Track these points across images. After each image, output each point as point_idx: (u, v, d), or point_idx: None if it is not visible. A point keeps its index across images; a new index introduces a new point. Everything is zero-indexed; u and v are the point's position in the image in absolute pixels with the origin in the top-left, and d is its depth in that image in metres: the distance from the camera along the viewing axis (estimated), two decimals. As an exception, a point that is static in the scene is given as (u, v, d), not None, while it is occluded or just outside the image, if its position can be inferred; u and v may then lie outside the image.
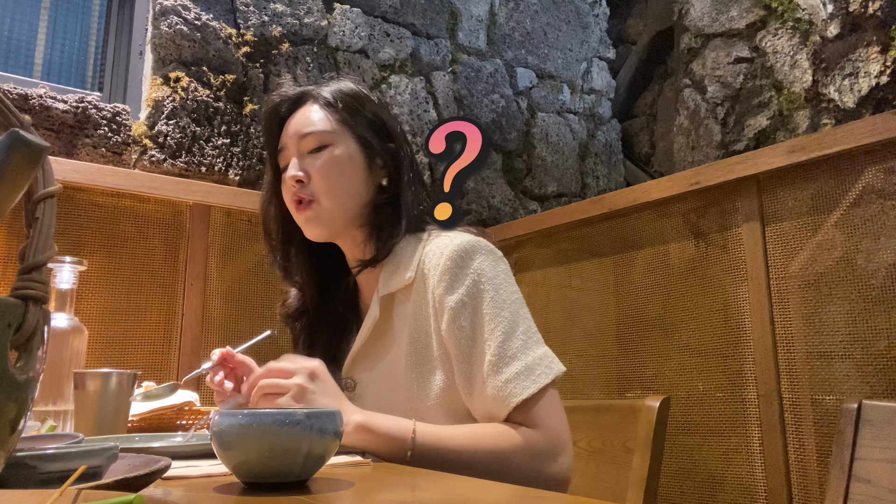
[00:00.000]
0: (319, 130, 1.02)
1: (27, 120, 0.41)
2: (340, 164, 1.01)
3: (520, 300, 0.95)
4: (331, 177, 1.00)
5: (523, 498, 0.59)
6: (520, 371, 0.87)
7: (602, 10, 3.01)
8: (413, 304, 0.97)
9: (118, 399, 1.00)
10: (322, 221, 1.01)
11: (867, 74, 2.05)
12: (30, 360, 0.39)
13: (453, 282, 0.92)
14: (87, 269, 1.13)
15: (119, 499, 0.39)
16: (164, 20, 1.90)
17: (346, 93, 1.05)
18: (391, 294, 1.00)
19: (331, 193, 1.00)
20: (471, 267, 0.93)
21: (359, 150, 1.03)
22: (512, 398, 0.86)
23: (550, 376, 0.88)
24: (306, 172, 1.01)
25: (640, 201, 1.85)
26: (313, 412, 0.61)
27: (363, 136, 1.03)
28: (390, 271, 1.00)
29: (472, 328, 0.90)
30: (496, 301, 0.91)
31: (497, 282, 0.93)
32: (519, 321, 0.91)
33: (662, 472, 1.02)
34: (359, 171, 1.03)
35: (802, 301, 1.52)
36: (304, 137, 1.02)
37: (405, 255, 1.00)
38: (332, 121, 1.02)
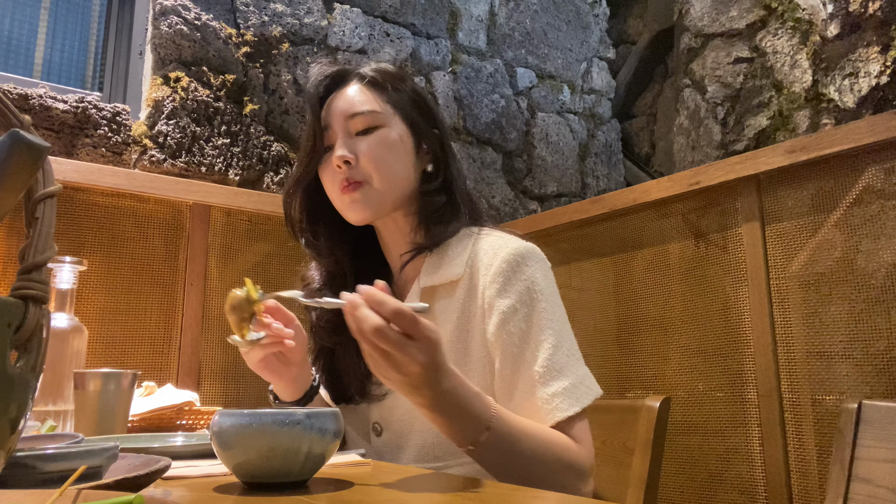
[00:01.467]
0: (369, 111, 0.98)
1: (27, 120, 0.41)
2: (392, 146, 0.98)
3: (566, 317, 0.94)
4: (383, 159, 0.96)
5: (524, 497, 0.59)
6: (567, 388, 0.86)
7: (602, 10, 3.01)
8: (459, 302, 0.94)
9: (118, 399, 1.00)
10: (371, 203, 0.97)
11: (867, 74, 2.05)
12: (30, 360, 0.39)
13: (506, 285, 0.90)
14: (87, 269, 1.13)
15: (119, 499, 0.39)
16: (164, 20, 1.90)
17: (392, 73, 1.03)
18: (433, 287, 0.97)
19: (382, 176, 0.96)
20: (525, 273, 0.91)
21: (408, 132, 1.00)
22: (557, 412, 0.84)
23: (591, 398, 0.87)
24: (355, 154, 0.96)
25: (640, 201, 1.85)
26: (313, 412, 0.61)
27: (412, 118, 1.00)
28: (435, 263, 0.97)
29: (521, 336, 0.88)
30: (548, 312, 0.90)
31: (549, 293, 0.92)
32: (566, 336, 0.91)
33: (662, 472, 1.02)
34: (409, 155, 1.00)
35: (802, 301, 1.52)
36: (352, 117, 0.98)
37: (454, 250, 0.97)
38: (381, 101, 0.99)
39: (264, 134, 2.03)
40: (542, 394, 0.85)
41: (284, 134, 2.07)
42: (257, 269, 1.92)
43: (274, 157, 2.03)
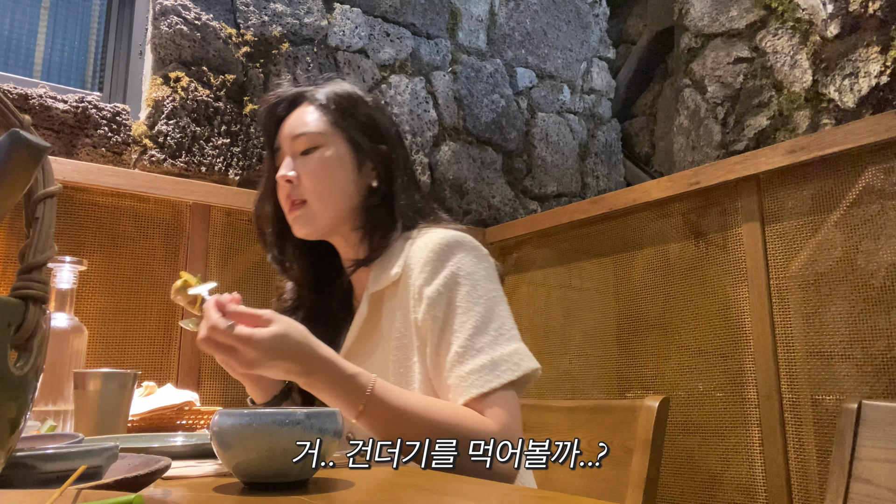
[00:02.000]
0: (311, 132, 1.03)
1: (27, 120, 0.41)
2: (329, 166, 1.02)
3: (498, 298, 0.95)
4: (320, 178, 1.02)
5: (524, 497, 0.59)
6: (484, 365, 0.87)
7: (602, 10, 3.01)
8: (399, 300, 0.98)
9: (118, 399, 1.00)
10: (309, 221, 1.03)
11: (867, 74, 2.05)
12: (30, 360, 0.39)
13: (433, 273, 0.94)
14: (87, 269, 1.13)
15: (119, 499, 0.39)
16: (164, 20, 1.90)
17: (340, 94, 1.07)
18: (380, 291, 1.01)
19: (319, 194, 1.02)
20: (451, 260, 0.94)
21: (349, 151, 1.04)
22: (472, 389, 0.86)
23: (515, 374, 0.88)
24: (297, 173, 1.02)
25: (640, 201, 1.85)
26: (313, 412, 0.61)
27: (354, 138, 1.04)
28: (379, 269, 1.02)
29: (443, 319, 0.91)
30: (472, 295, 0.92)
31: (476, 277, 0.94)
32: (493, 317, 0.92)
33: (662, 472, 1.02)
34: (348, 173, 1.04)
35: (802, 301, 1.52)
36: (296, 138, 1.04)
37: (395, 253, 1.02)
38: (324, 122, 1.04)
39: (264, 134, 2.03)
40: (458, 372, 0.88)
41: (284, 134, 2.07)
42: (257, 268, 1.91)
43: (274, 157, 2.03)
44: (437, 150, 2.39)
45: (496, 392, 0.87)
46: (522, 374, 0.88)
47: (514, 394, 0.89)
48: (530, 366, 0.90)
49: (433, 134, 2.39)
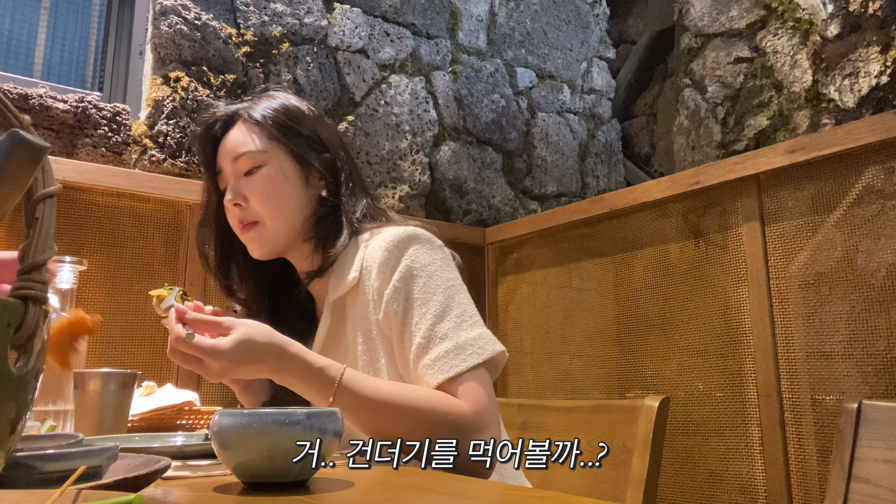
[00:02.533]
0: (251, 150, 1.02)
1: (27, 120, 0.41)
2: (276, 183, 1.02)
3: (456, 286, 0.95)
4: (268, 197, 1.01)
5: (524, 497, 0.59)
6: (449, 350, 0.88)
7: (602, 10, 3.01)
8: (361, 304, 0.98)
9: (118, 399, 1.00)
10: (266, 241, 1.02)
11: (867, 74, 2.05)
12: (30, 360, 0.39)
13: (389, 272, 0.94)
14: (87, 269, 1.13)
15: (119, 499, 0.39)
16: (164, 20, 1.90)
17: (276, 108, 1.05)
18: (341, 298, 1.01)
19: (270, 214, 1.01)
20: (405, 254, 0.94)
21: (293, 165, 1.03)
22: (439, 374, 0.87)
23: (482, 357, 0.88)
24: (243, 196, 1.01)
25: (640, 201, 1.85)
26: (313, 412, 0.61)
27: (296, 151, 1.03)
28: (337, 276, 1.01)
29: (403, 313, 0.92)
30: (428, 286, 0.92)
31: (431, 268, 0.94)
32: (453, 305, 0.92)
33: (662, 472, 1.02)
34: (296, 187, 1.03)
35: (802, 301, 1.52)
36: (237, 159, 1.02)
37: (349, 259, 1.01)
38: (263, 139, 1.02)
39: (264, 134, 2.03)
40: (424, 361, 0.88)
41: (284, 134, 2.07)
42: (257, 268, 1.92)
43: (274, 157, 2.03)
44: (437, 150, 2.39)
45: (465, 375, 0.87)
46: (489, 356, 0.89)
47: (485, 375, 0.89)
48: (495, 349, 0.90)
49: (433, 134, 2.39)
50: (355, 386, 0.85)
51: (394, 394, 0.86)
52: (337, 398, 0.84)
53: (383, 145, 2.26)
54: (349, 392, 0.84)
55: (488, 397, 0.87)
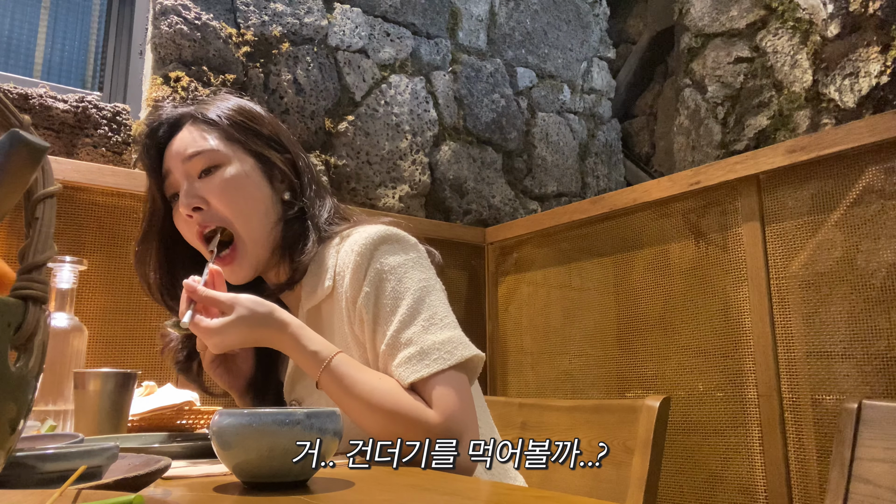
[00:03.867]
0: (206, 149, 0.94)
1: (27, 120, 0.41)
2: (239, 183, 0.94)
3: (427, 287, 0.90)
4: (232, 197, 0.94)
5: (524, 497, 0.59)
6: (412, 355, 0.84)
7: (602, 10, 3.01)
8: (335, 312, 0.94)
9: (118, 399, 1.00)
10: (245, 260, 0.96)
11: (867, 74, 2.05)
12: (30, 360, 0.39)
13: (361, 277, 0.90)
14: (87, 269, 1.13)
15: (119, 499, 0.39)
16: (164, 20, 1.90)
17: (231, 108, 0.99)
18: (316, 307, 0.97)
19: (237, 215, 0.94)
20: (375, 258, 0.90)
21: (254, 165, 0.97)
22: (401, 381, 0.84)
23: (448, 362, 0.84)
24: (201, 198, 0.93)
25: (640, 201, 1.85)
26: (313, 412, 0.61)
27: (256, 151, 0.97)
28: (311, 284, 0.96)
29: (373, 319, 0.89)
30: (397, 290, 0.89)
31: (400, 270, 0.90)
32: (422, 308, 0.88)
33: (662, 472, 1.02)
34: (261, 188, 0.97)
35: (802, 301, 1.52)
36: (189, 159, 0.94)
37: (321, 266, 0.96)
38: (219, 139, 0.96)
39: (264, 134, 2.03)
40: (390, 368, 0.87)
41: (284, 134, 2.07)
42: (257, 268, 1.91)
43: (274, 157, 2.03)
44: (437, 150, 2.39)
45: (431, 380, 0.83)
46: (456, 361, 0.84)
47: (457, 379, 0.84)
48: (464, 353, 0.85)
49: (433, 134, 2.39)
50: (339, 374, 0.85)
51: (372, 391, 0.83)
52: (321, 382, 0.86)
53: (383, 145, 2.26)
54: (333, 379, 0.85)
55: (459, 402, 0.83)
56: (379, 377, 0.87)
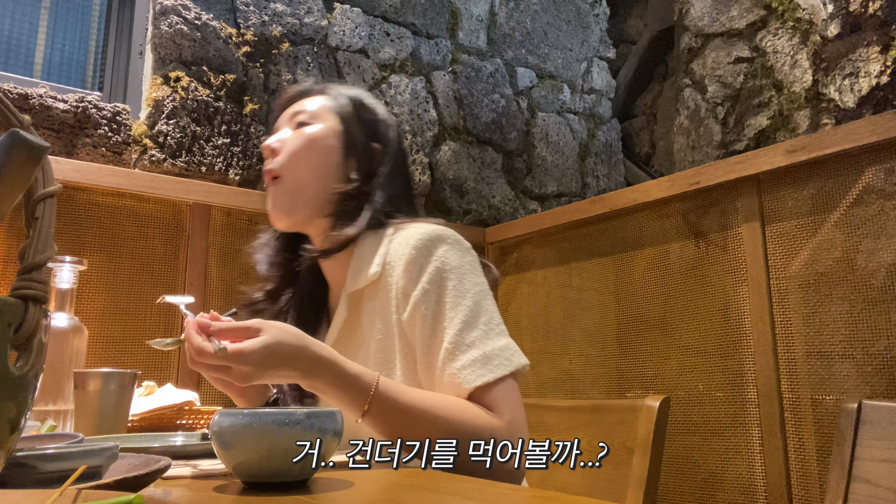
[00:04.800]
0: (308, 111, 1.04)
1: (27, 120, 0.41)
2: (312, 143, 1.01)
3: (484, 291, 0.93)
4: (297, 152, 1.01)
5: (524, 497, 0.59)
6: (476, 359, 0.85)
7: (602, 10, 3.01)
8: (380, 300, 0.95)
9: (118, 399, 1.00)
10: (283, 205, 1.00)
11: (867, 74, 2.05)
12: (30, 360, 0.39)
13: (418, 271, 0.91)
14: (87, 269, 1.13)
15: (119, 499, 0.39)
16: (164, 20, 1.90)
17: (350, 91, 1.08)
18: (359, 291, 0.98)
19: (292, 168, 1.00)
20: (434, 255, 0.92)
21: (339, 134, 1.03)
22: (465, 384, 0.84)
23: (509, 368, 0.86)
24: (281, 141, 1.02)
25: (640, 201, 1.85)
26: (313, 412, 0.61)
27: (349, 126, 1.04)
28: (357, 268, 0.98)
29: (433, 317, 0.89)
30: (458, 290, 0.90)
31: (461, 271, 0.92)
32: (481, 312, 0.90)
33: (662, 472, 1.02)
34: (330, 155, 1.02)
35: (802, 301, 1.52)
36: (294, 115, 1.04)
37: (370, 251, 0.98)
38: (325, 106, 1.05)
39: (264, 133, 2.03)
40: (450, 369, 0.86)
41: (284, 134, 2.07)
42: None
43: (274, 157, 2.03)
44: (437, 150, 2.39)
45: (493, 385, 0.85)
46: (515, 368, 0.87)
47: (513, 386, 0.87)
48: (521, 361, 0.88)
49: (433, 134, 2.39)
50: (392, 394, 0.82)
51: (429, 404, 0.83)
52: (372, 406, 0.80)
53: (383, 145, 2.26)
54: (385, 401, 0.81)
55: (518, 408, 0.86)
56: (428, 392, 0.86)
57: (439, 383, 0.88)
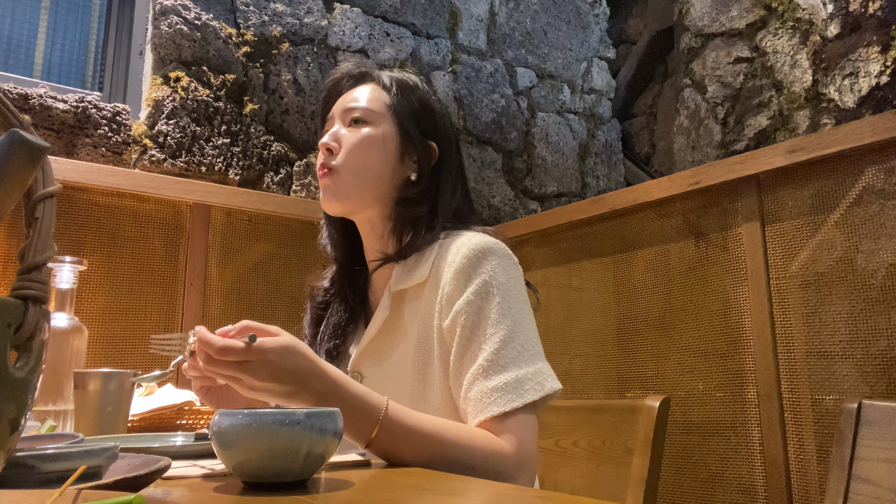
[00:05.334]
0: (363, 107, 1.02)
1: (27, 120, 0.41)
2: (371, 143, 1.01)
3: (526, 310, 0.92)
4: (357, 150, 1.00)
5: (524, 497, 0.59)
6: (509, 382, 0.84)
7: (602, 10, 3.01)
8: (424, 303, 0.95)
9: (118, 399, 1.00)
10: (336, 193, 1.00)
11: (867, 74, 2.05)
12: (30, 360, 0.39)
13: (466, 281, 0.91)
14: (87, 269, 1.13)
15: (119, 499, 0.39)
16: (164, 20, 1.90)
17: (405, 80, 1.06)
18: (402, 290, 0.98)
19: (351, 168, 1.00)
20: (484, 268, 0.91)
21: (396, 136, 1.02)
22: (494, 407, 0.83)
23: (540, 394, 0.85)
24: (338, 141, 1.02)
25: (640, 201, 1.85)
26: (313, 412, 0.61)
27: (404, 125, 1.03)
28: (404, 268, 0.99)
29: (471, 328, 0.88)
30: (502, 306, 0.89)
31: (507, 287, 0.91)
32: (520, 331, 0.89)
33: (662, 472, 1.02)
34: (388, 157, 1.01)
35: (802, 301, 1.52)
36: (348, 111, 1.03)
37: (422, 254, 0.99)
38: (380, 102, 1.03)
39: (264, 134, 2.03)
40: (481, 387, 0.85)
41: (284, 134, 2.07)
42: (257, 269, 1.92)
43: (274, 157, 2.03)
44: (437, 150, 2.39)
45: (518, 412, 0.84)
46: (546, 394, 0.86)
47: (533, 416, 0.87)
48: (553, 387, 0.87)
49: (433, 134, 2.39)
50: (400, 417, 0.80)
51: (438, 428, 0.82)
52: (383, 427, 0.78)
53: (383, 145, 2.26)
54: (396, 423, 0.80)
55: (532, 438, 0.85)
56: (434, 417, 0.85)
57: (465, 398, 0.87)
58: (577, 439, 1.10)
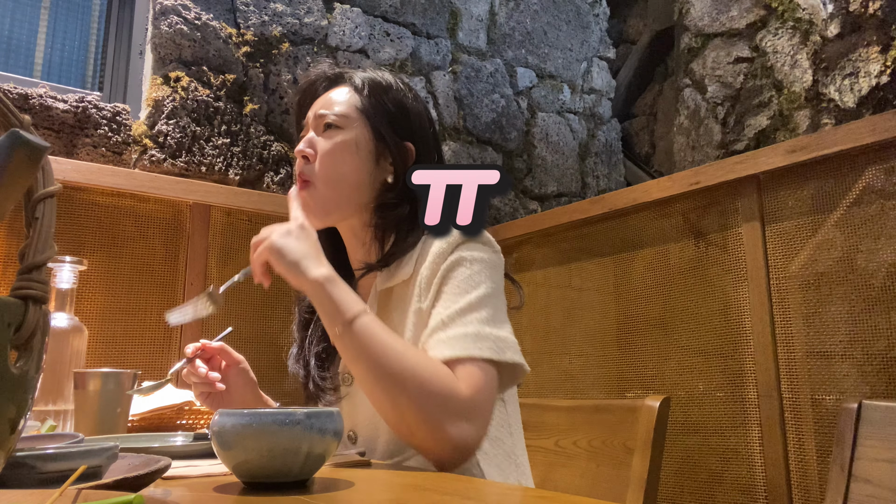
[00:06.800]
0: (335, 112, 1.00)
1: (27, 120, 0.41)
2: (343, 149, 0.99)
3: (498, 290, 0.91)
4: (330, 160, 0.99)
5: (524, 497, 0.59)
6: (467, 333, 0.83)
7: (602, 10, 3.01)
8: (409, 296, 0.95)
9: (118, 399, 1.00)
10: (315, 210, 0.99)
11: (867, 74, 2.05)
12: (30, 360, 0.39)
13: (441, 260, 0.91)
14: (87, 269, 1.13)
15: (119, 499, 0.39)
16: (164, 20, 1.90)
17: (377, 80, 1.04)
18: (389, 288, 0.98)
19: (326, 178, 0.99)
20: (461, 247, 0.92)
21: (370, 139, 1.00)
22: (446, 350, 0.82)
23: (498, 356, 0.83)
24: (313, 149, 1.00)
25: (640, 201, 1.85)
26: (313, 412, 0.61)
27: (377, 127, 1.01)
28: (390, 268, 0.98)
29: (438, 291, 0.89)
30: (472, 278, 0.89)
31: (479, 265, 0.91)
32: (487, 304, 0.88)
33: (662, 472, 1.02)
34: (363, 162, 1.00)
35: (802, 301, 1.52)
36: (320, 118, 1.01)
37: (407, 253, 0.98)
38: (352, 106, 1.01)
39: (264, 134, 2.03)
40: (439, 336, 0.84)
41: (284, 134, 2.07)
42: (257, 268, 1.91)
43: (274, 157, 2.03)
44: (437, 149, 2.39)
45: (473, 362, 0.82)
46: (503, 360, 0.83)
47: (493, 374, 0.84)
48: (513, 358, 0.85)
49: (433, 134, 2.39)
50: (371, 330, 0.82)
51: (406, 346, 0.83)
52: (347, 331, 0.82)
53: (383, 145, 2.26)
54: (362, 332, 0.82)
55: (488, 395, 0.81)
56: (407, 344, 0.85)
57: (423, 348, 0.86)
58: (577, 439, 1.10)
